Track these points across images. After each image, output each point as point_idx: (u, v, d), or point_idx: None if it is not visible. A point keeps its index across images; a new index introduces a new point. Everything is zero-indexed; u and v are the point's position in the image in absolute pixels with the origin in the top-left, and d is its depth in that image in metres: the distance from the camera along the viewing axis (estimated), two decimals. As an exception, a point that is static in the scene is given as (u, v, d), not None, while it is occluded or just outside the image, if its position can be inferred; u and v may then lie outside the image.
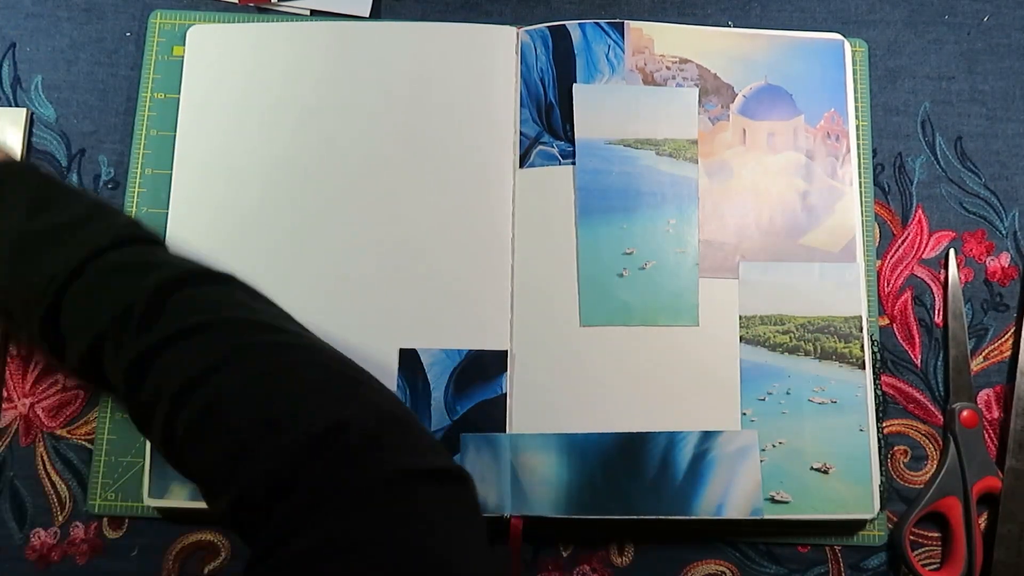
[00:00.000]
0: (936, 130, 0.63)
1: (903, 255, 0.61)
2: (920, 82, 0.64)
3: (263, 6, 0.63)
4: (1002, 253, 0.61)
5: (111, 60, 0.62)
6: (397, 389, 0.56)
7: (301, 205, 0.58)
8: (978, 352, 0.60)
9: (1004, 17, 0.65)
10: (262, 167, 0.59)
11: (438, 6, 0.64)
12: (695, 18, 0.64)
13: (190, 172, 0.59)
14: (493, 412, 0.55)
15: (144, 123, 0.60)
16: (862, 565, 0.57)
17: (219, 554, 0.56)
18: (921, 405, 0.59)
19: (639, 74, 0.60)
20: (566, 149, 0.59)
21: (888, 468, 0.57)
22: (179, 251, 0.44)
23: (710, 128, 0.60)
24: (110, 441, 0.56)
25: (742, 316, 0.57)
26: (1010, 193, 0.62)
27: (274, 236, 0.58)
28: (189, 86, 0.60)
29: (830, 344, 0.57)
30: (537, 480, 0.54)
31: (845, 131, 0.61)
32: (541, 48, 0.61)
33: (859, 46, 0.63)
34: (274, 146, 0.59)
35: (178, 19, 0.62)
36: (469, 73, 0.60)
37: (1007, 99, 0.64)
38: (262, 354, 0.39)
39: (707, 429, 0.55)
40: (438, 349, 0.56)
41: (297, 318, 0.56)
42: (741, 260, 0.58)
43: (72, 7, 0.63)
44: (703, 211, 0.59)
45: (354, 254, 0.58)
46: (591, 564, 0.56)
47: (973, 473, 0.56)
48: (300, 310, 0.57)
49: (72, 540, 0.55)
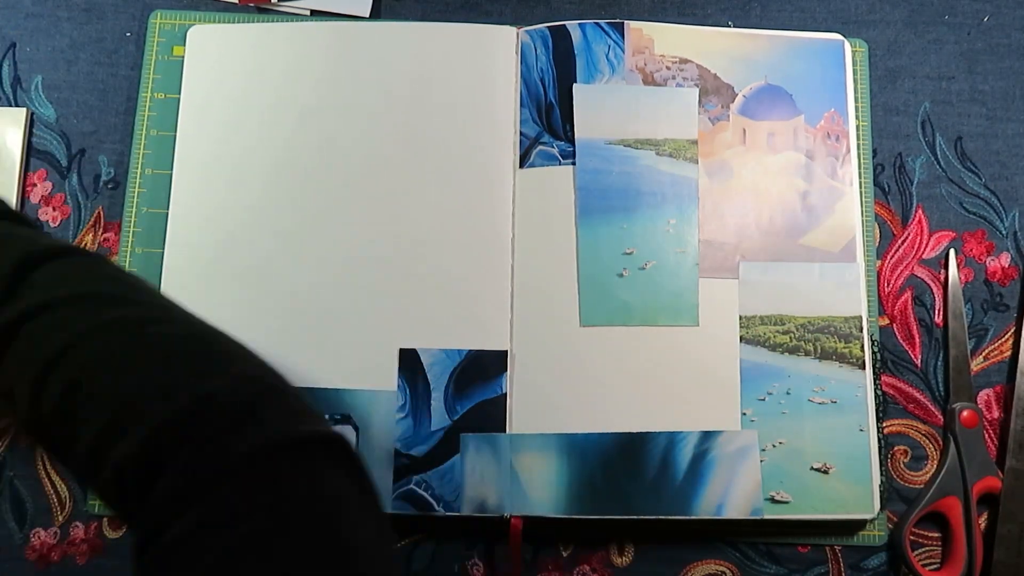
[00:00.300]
0: (936, 130, 0.63)
1: (903, 255, 0.61)
2: (920, 82, 0.64)
3: (263, 6, 0.63)
4: (1002, 253, 0.61)
5: (111, 60, 0.62)
6: (397, 389, 0.56)
7: (301, 205, 0.58)
8: (978, 352, 0.60)
9: (1004, 17, 0.65)
10: (262, 167, 0.59)
11: (438, 6, 0.64)
12: (695, 18, 0.64)
13: (190, 172, 0.59)
14: (493, 412, 0.55)
15: (144, 123, 0.60)
16: (862, 565, 0.57)
17: (219, 554, 0.55)
18: (921, 405, 0.59)
19: (639, 74, 0.60)
20: (566, 149, 0.59)
21: (888, 468, 0.57)
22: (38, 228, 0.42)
23: (710, 128, 0.60)
24: (110, 441, 0.56)
25: (742, 316, 0.57)
26: (1010, 193, 0.62)
27: (274, 236, 0.58)
28: (189, 86, 0.60)
29: (830, 344, 0.57)
30: (537, 480, 0.54)
31: (845, 131, 0.61)
32: (541, 48, 0.61)
33: (859, 46, 0.63)
34: (274, 146, 0.59)
35: (178, 19, 0.62)
36: (469, 73, 0.60)
37: (1007, 99, 0.64)
38: (125, 329, 0.37)
39: (707, 429, 0.55)
40: (438, 349, 0.56)
41: (297, 317, 0.57)
42: (741, 260, 0.58)
43: (72, 7, 0.63)
44: (703, 211, 0.59)
45: (354, 254, 0.58)
46: (591, 564, 0.56)
47: (973, 473, 0.56)
48: (300, 309, 0.57)
49: (72, 540, 0.55)
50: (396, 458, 0.54)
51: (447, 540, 0.56)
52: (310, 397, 0.55)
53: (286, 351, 0.56)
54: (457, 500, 0.54)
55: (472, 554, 0.56)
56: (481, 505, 0.54)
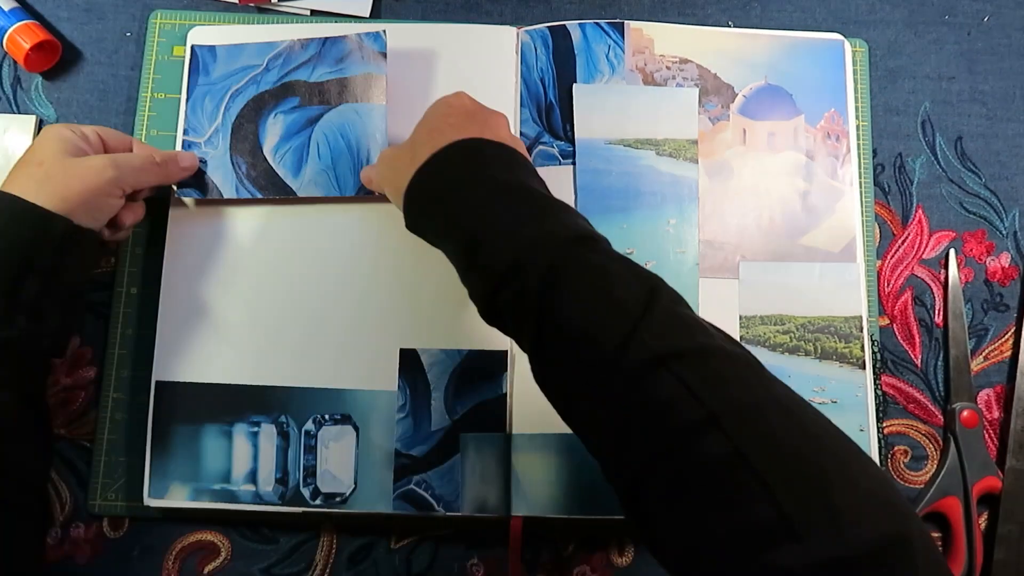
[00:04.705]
0: (936, 130, 0.63)
1: (903, 255, 0.61)
2: (920, 82, 0.64)
3: (263, 6, 0.63)
4: (1002, 253, 0.61)
5: (111, 60, 0.62)
6: (397, 389, 0.56)
7: (305, 203, 0.58)
8: (978, 352, 0.60)
9: (1004, 17, 0.65)
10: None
11: (438, 6, 0.64)
12: (695, 18, 0.64)
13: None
14: (494, 412, 0.55)
15: (144, 123, 0.60)
16: (862, 565, 0.57)
17: (219, 554, 0.56)
18: (921, 405, 0.59)
19: (639, 74, 0.60)
20: (566, 149, 0.59)
21: (888, 468, 0.57)
22: None
23: (710, 128, 0.60)
24: (110, 441, 0.56)
25: (742, 316, 0.57)
26: (1010, 193, 0.62)
27: (275, 233, 0.58)
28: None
29: (830, 344, 0.57)
30: (537, 480, 0.54)
31: (845, 131, 0.61)
32: (541, 48, 0.61)
33: (859, 46, 0.63)
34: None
35: (178, 19, 0.62)
36: (469, 73, 0.60)
37: (1007, 99, 0.64)
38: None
39: (707, 429, 0.55)
40: (438, 349, 0.56)
41: (298, 317, 0.57)
42: (741, 260, 0.58)
43: (72, 7, 0.63)
44: (703, 211, 0.59)
45: (355, 253, 0.58)
46: (591, 564, 0.56)
47: (973, 473, 0.56)
48: (301, 309, 0.57)
49: (72, 540, 0.55)
50: (396, 458, 0.54)
51: (447, 540, 0.56)
52: (311, 397, 0.55)
53: (287, 351, 0.56)
54: (457, 500, 0.54)
55: (472, 554, 0.56)
56: (481, 505, 0.54)
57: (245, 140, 0.58)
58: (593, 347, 0.38)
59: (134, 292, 0.58)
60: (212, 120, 0.59)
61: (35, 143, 0.51)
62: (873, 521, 0.32)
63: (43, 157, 0.49)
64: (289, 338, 0.56)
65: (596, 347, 0.38)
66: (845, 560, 0.31)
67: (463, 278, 0.45)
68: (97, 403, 0.57)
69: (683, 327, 0.39)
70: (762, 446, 0.34)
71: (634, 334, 0.37)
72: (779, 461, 0.34)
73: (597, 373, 0.38)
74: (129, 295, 0.58)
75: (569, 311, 0.39)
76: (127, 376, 0.57)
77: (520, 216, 0.43)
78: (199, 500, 0.54)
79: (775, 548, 0.32)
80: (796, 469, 0.33)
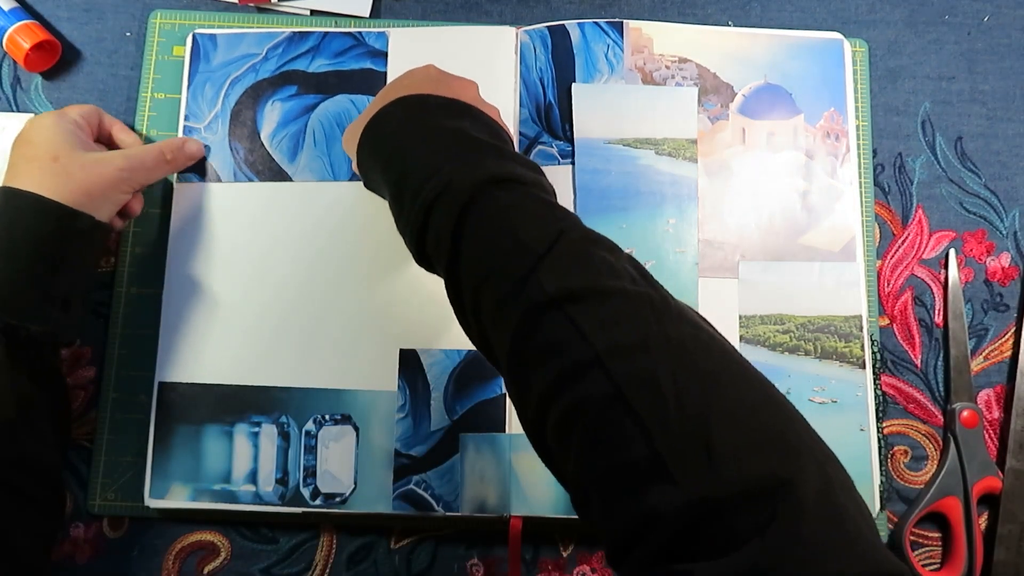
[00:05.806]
0: (936, 130, 0.63)
1: (903, 255, 0.61)
2: (920, 82, 0.64)
3: (263, 6, 0.63)
4: (1002, 253, 0.61)
5: (111, 60, 0.62)
6: (397, 389, 0.56)
7: (303, 203, 0.58)
8: (978, 352, 0.60)
9: (1004, 17, 0.65)
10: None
11: (438, 6, 0.64)
12: (695, 18, 0.64)
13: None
14: (493, 412, 0.55)
15: (144, 123, 0.60)
16: (862, 565, 0.56)
17: (219, 554, 0.56)
18: (921, 405, 0.59)
19: (638, 73, 0.60)
20: (565, 149, 0.59)
21: (888, 468, 0.57)
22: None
23: (710, 127, 0.60)
24: (110, 441, 0.56)
25: (742, 316, 0.57)
26: (1010, 193, 0.62)
27: (276, 234, 0.58)
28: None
29: (830, 344, 0.57)
30: (537, 480, 0.54)
31: (845, 130, 0.61)
32: (540, 48, 0.61)
33: (859, 46, 0.63)
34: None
35: (178, 19, 0.62)
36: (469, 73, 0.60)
37: (1007, 99, 0.64)
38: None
39: (707, 429, 0.55)
40: (438, 349, 0.56)
41: (299, 317, 0.57)
42: (741, 260, 0.58)
43: (72, 7, 0.63)
44: (703, 211, 0.59)
45: (355, 253, 0.58)
46: (591, 564, 0.56)
47: (973, 473, 0.56)
48: (301, 309, 0.57)
49: (72, 540, 0.55)
50: (396, 458, 0.54)
51: (447, 540, 0.56)
52: (311, 397, 0.55)
53: (287, 351, 0.56)
54: (457, 500, 0.54)
55: (472, 554, 0.56)
56: (481, 505, 0.54)
57: (243, 126, 0.59)
58: (493, 287, 0.38)
59: (134, 292, 0.58)
60: (212, 106, 0.59)
61: (39, 134, 0.51)
62: (752, 460, 0.31)
63: (57, 151, 0.50)
64: (289, 339, 0.56)
65: (495, 288, 0.38)
66: (714, 500, 0.30)
67: (397, 225, 0.45)
68: (97, 403, 0.57)
69: (586, 268, 0.38)
70: (642, 385, 0.33)
71: (531, 275, 0.37)
72: (659, 400, 0.33)
73: (498, 312, 0.38)
74: (129, 295, 0.58)
75: (472, 251, 0.40)
76: (127, 376, 0.57)
77: (447, 157, 0.42)
78: (199, 500, 0.54)
79: (648, 488, 0.31)
80: (676, 408, 0.33)
